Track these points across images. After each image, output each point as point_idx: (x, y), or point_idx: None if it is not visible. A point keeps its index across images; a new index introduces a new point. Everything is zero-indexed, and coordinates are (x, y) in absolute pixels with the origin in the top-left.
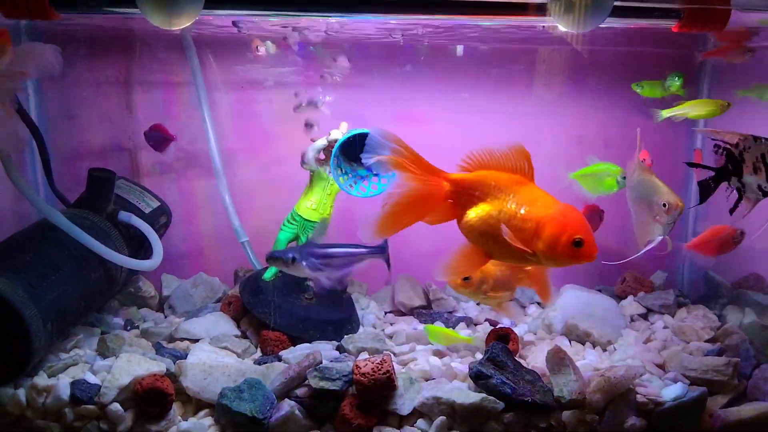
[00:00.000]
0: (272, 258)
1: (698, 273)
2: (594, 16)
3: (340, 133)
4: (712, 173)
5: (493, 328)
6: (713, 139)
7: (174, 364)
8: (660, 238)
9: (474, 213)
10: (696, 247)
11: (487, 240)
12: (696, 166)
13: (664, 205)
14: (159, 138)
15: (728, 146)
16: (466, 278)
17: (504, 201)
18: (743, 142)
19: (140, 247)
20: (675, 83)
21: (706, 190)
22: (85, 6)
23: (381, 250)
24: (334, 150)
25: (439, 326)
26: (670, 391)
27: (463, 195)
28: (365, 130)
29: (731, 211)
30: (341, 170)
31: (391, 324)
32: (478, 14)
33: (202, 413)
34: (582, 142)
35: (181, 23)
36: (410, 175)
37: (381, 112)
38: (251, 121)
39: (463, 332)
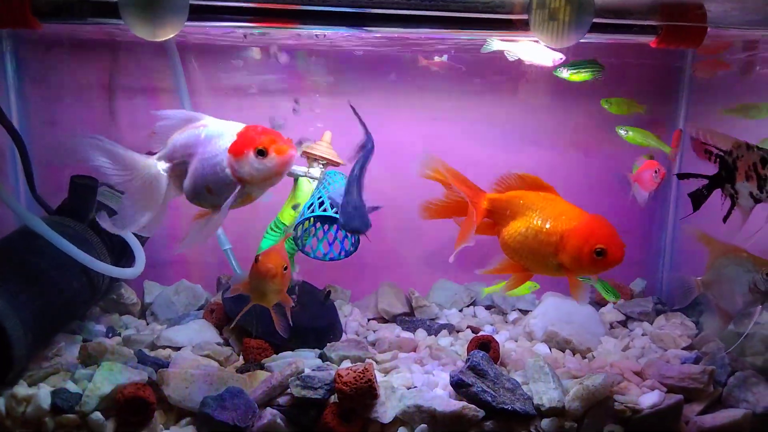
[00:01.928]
0: None
1: (676, 281)
2: (573, 31)
3: (319, 170)
4: (693, 181)
5: (474, 335)
6: (704, 143)
7: (156, 372)
8: (760, 307)
9: (506, 232)
10: None
11: (521, 256)
12: (687, 176)
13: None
14: None
15: (721, 153)
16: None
17: (531, 218)
18: (736, 150)
19: (122, 255)
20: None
21: (698, 198)
22: (69, 16)
23: None
24: (299, 219)
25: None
26: (648, 399)
27: (498, 214)
28: (329, 210)
29: (725, 218)
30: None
31: (374, 331)
32: (461, 29)
33: (184, 422)
34: (563, 151)
35: (165, 34)
36: (456, 187)
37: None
38: None
39: (444, 339)
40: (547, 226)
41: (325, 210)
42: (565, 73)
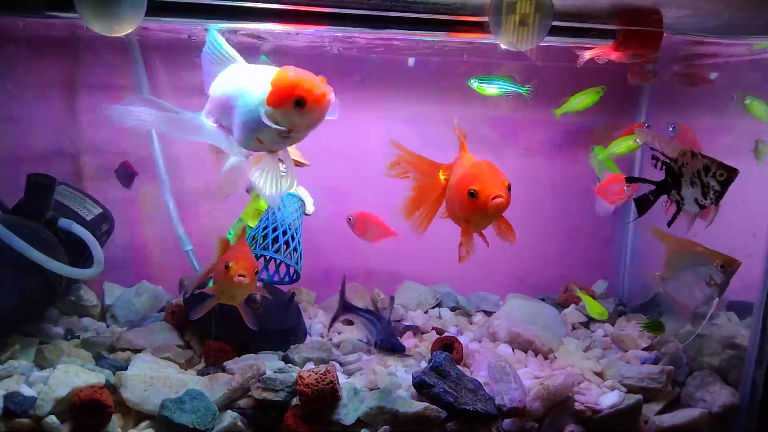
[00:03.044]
0: None
1: (638, 282)
2: (533, 35)
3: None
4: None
5: (438, 336)
6: (651, 149)
7: (114, 375)
8: (717, 300)
9: None
10: None
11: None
12: (635, 180)
13: (722, 266)
14: (125, 174)
15: (667, 160)
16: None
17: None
18: (682, 158)
19: (81, 255)
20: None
21: (644, 203)
22: (23, 9)
23: None
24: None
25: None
26: (608, 399)
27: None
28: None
29: (669, 223)
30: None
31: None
32: (422, 30)
33: (142, 425)
34: (526, 154)
35: (123, 30)
36: (416, 168)
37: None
38: None
39: (409, 341)
40: (451, 182)
41: (266, 248)
42: (475, 85)
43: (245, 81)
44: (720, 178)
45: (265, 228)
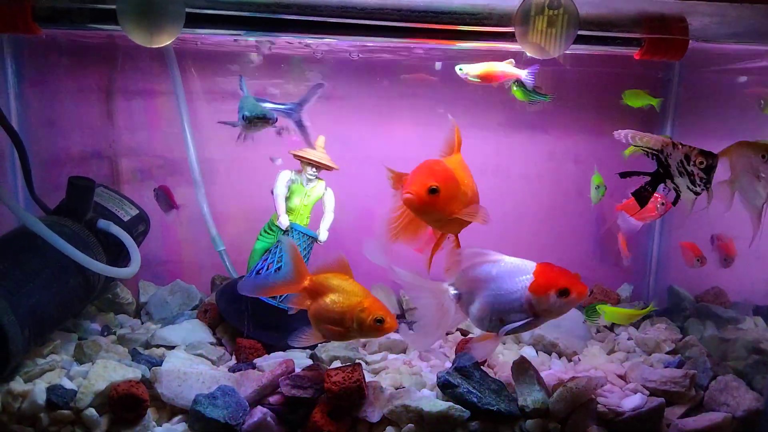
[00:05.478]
0: None
1: (663, 286)
2: (559, 43)
3: (287, 218)
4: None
5: (463, 337)
6: (637, 146)
7: (149, 370)
8: None
9: None
10: None
11: None
12: (629, 174)
13: (763, 156)
14: (164, 200)
15: (655, 152)
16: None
17: None
18: (666, 149)
19: (118, 255)
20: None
21: (643, 195)
22: (68, 22)
23: None
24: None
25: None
26: (630, 402)
27: None
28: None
29: (674, 203)
30: None
31: None
32: (452, 39)
33: (176, 419)
34: (552, 158)
35: (162, 41)
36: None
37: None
38: (231, 131)
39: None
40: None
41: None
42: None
43: (506, 268)
44: (701, 165)
45: (269, 266)
